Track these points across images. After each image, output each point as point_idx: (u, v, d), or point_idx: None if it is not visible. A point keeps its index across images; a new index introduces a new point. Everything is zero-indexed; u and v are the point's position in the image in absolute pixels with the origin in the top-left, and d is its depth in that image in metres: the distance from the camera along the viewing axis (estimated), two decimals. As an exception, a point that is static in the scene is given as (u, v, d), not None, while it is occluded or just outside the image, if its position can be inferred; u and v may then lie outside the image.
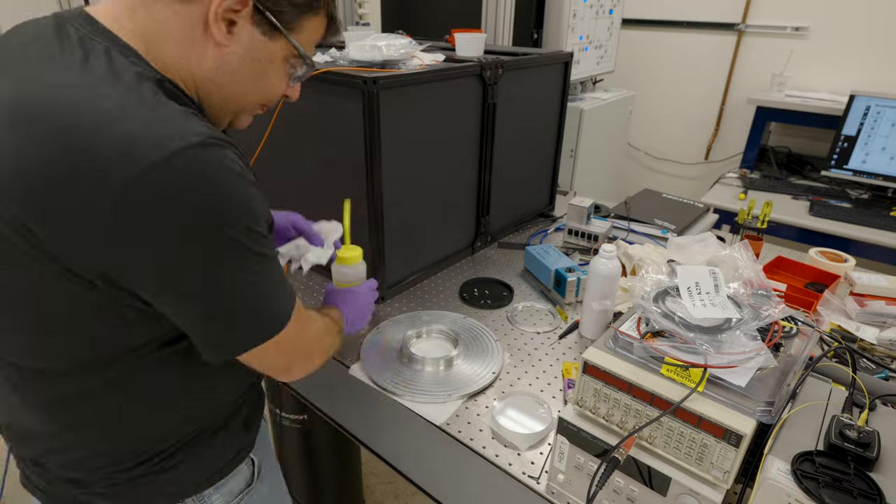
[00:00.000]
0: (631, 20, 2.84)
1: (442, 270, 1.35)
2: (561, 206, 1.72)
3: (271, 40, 0.62)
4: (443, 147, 1.22)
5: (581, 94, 2.35)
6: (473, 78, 1.22)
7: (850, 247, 1.93)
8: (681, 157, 2.99)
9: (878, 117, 2.14)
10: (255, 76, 0.64)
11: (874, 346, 0.98)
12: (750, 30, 2.59)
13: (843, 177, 2.24)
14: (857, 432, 0.56)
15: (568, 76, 1.53)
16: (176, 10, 0.57)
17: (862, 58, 2.38)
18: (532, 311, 1.19)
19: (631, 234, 1.53)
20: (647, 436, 0.64)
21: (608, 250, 1.00)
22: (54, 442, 0.67)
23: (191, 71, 0.60)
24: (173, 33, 0.58)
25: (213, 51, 0.60)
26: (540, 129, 1.54)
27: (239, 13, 0.59)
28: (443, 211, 1.29)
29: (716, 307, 0.67)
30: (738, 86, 2.71)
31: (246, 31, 0.60)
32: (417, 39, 1.32)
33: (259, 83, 0.65)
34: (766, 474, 0.54)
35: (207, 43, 0.59)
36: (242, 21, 0.59)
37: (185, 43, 0.59)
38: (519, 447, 0.83)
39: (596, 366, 0.66)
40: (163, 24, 0.58)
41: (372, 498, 1.94)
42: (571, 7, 2.03)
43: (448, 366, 0.98)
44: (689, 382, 0.61)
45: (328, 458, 1.54)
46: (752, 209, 1.37)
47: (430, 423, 0.88)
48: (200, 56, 0.60)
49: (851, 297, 1.10)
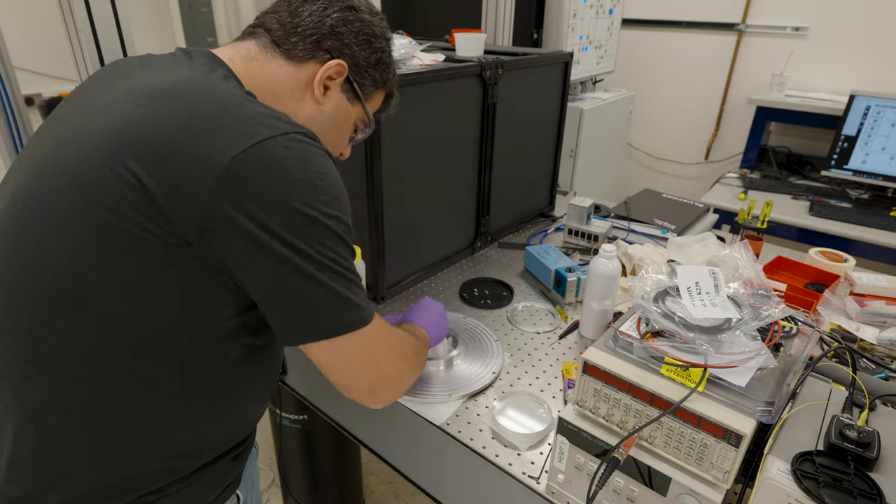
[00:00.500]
0: (631, 20, 2.84)
1: (442, 270, 1.35)
2: (561, 206, 1.72)
3: (351, 105, 0.78)
4: (443, 147, 1.22)
5: (581, 94, 2.35)
6: (473, 78, 1.22)
7: (850, 247, 1.93)
8: (681, 157, 2.99)
9: (878, 117, 2.14)
10: (334, 132, 0.78)
11: (874, 346, 0.98)
12: (750, 30, 2.59)
13: (843, 177, 2.24)
14: (857, 432, 0.56)
15: (568, 76, 1.53)
16: (287, 70, 0.72)
17: (862, 58, 2.37)
18: (532, 311, 1.19)
19: (631, 234, 1.53)
20: (647, 436, 0.64)
21: (608, 250, 1.00)
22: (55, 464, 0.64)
23: None
24: (278, 87, 0.72)
25: (310, 106, 0.74)
26: (540, 129, 1.54)
27: (334, 81, 0.74)
28: (443, 211, 1.29)
29: (716, 307, 0.67)
30: (738, 86, 2.71)
31: (336, 96, 0.76)
32: (417, 39, 1.32)
33: (335, 137, 0.80)
34: (766, 474, 0.54)
35: (305, 100, 0.74)
36: (335, 87, 0.75)
37: (288, 96, 0.72)
38: (519, 447, 0.83)
39: (596, 366, 0.66)
40: (271, 76, 0.71)
41: (372, 498, 1.94)
42: (571, 7, 2.03)
43: (448, 366, 0.98)
44: (689, 382, 0.61)
45: (328, 458, 1.54)
46: (752, 209, 1.37)
47: (430, 423, 0.88)
48: (298, 109, 0.73)
49: (851, 297, 1.10)
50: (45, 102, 1.32)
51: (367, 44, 0.76)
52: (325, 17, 0.73)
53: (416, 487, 0.97)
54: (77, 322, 0.59)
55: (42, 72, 2.00)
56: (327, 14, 0.73)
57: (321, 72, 0.72)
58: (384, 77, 0.80)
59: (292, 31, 0.72)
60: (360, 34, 0.75)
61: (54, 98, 1.32)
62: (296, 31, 0.72)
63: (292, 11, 0.73)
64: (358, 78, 0.76)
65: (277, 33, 0.72)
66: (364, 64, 0.76)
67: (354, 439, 1.06)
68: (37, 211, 0.59)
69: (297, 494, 1.59)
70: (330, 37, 0.73)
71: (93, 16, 1.17)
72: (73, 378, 0.60)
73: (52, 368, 0.60)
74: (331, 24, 0.73)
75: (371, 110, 0.82)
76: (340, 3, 0.74)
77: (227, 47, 0.73)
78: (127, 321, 0.59)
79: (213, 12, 1.78)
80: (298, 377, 1.18)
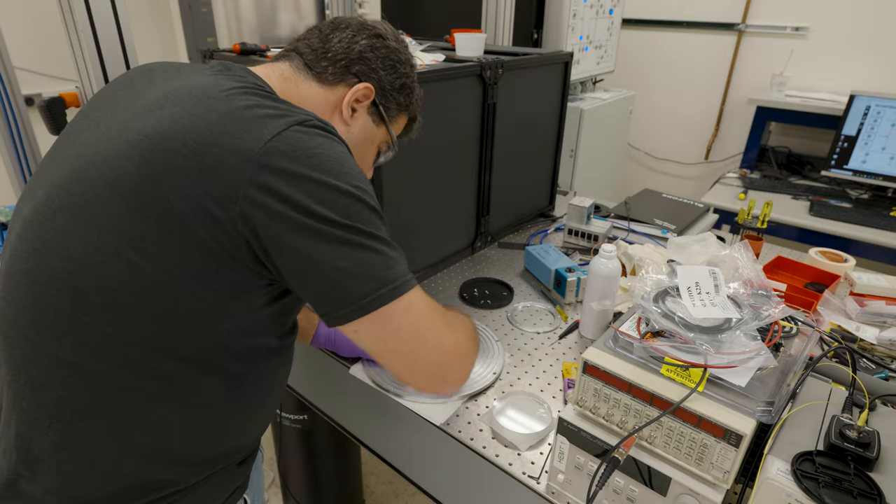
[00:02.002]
0: (631, 20, 2.84)
1: (442, 270, 1.35)
2: (561, 206, 1.72)
3: (376, 127, 0.82)
4: (443, 147, 1.22)
5: (581, 94, 2.35)
6: (473, 78, 1.22)
7: (850, 247, 1.93)
8: (681, 157, 2.99)
9: (878, 117, 2.14)
10: (360, 152, 0.82)
11: (874, 346, 0.98)
12: (750, 30, 2.59)
13: (843, 177, 2.24)
14: (857, 432, 0.56)
15: (568, 76, 1.53)
16: (318, 92, 0.76)
17: (862, 58, 2.38)
18: (532, 311, 1.19)
19: (631, 234, 1.53)
20: (647, 436, 0.64)
21: (608, 250, 1.00)
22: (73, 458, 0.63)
23: None
24: (308, 106, 0.71)
25: (339, 126, 0.77)
26: (540, 129, 1.54)
27: (362, 103, 0.78)
28: (443, 211, 1.29)
29: (716, 307, 0.67)
30: (738, 86, 2.71)
31: (362, 117, 0.80)
32: (417, 39, 1.32)
33: (361, 158, 0.83)
34: (766, 474, 0.54)
35: (334, 121, 0.77)
36: (362, 109, 0.79)
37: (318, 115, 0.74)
38: (519, 447, 0.83)
39: (596, 366, 0.66)
40: (304, 96, 0.75)
41: (372, 498, 1.94)
42: (571, 7, 2.03)
43: (448, 366, 0.98)
44: (689, 382, 0.61)
45: (328, 458, 1.54)
46: (752, 209, 1.37)
47: (430, 423, 0.88)
48: None
49: (851, 297, 1.10)
50: (45, 102, 1.32)
51: (393, 69, 0.80)
52: (354, 43, 0.77)
53: (416, 487, 0.97)
54: (105, 317, 0.59)
55: (42, 72, 2.01)
56: (356, 41, 0.77)
57: (350, 94, 0.76)
58: (408, 101, 0.84)
59: (323, 55, 0.76)
60: (386, 60, 0.79)
61: (54, 98, 1.32)
62: (326, 56, 0.76)
63: (323, 38, 0.78)
64: (383, 101, 0.80)
65: (309, 57, 0.77)
66: (389, 88, 0.80)
67: (354, 439, 1.06)
68: (73, 208, 0.60)
69: (297, 494, 1.59)
70: (358, 62, 0.77)
71: (93, 16, 1.17)
72: (94, 375, 0.61)
73: (72, 365, 0.61)
74: (359, 50, 0.77)
75: (395, 133, 0.86)
76: (368, 31, 0.79)
77: (261, 66, 0.76)
78: (152, 319, 0.59)
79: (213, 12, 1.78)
80: (298, 377, 1.18)
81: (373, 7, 2.41)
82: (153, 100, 0.63)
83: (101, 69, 1.23)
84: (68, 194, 0.61)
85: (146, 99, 0.64)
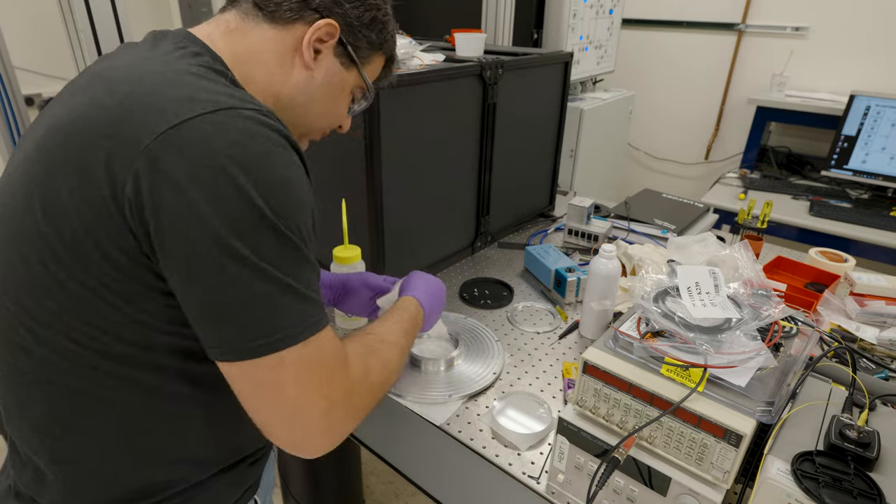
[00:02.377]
0: (631, 20, 2.83)
1: (442, 270, 1.35)
2: (561, 206, 1.72)
3: (346, 70, 0.71)
4: (443, 147, 1.22)
5: (581, 94, 2.35)
6: (473, 78, 1.22)
7: (850, 247, 1.93)
8: (681, 157, 2.99)
9: (878, 117, 2.14)
10: (328, 100, 0.72)
11: (874, 346, 0.98)
12: (750, 30, 2.59)
13: (843, 177, 2.24)
14: (857, 432, 0.56)
15: (568, 76, 1.53)
16: (272, 35, 0.65)
17: (862, 58, 2.37)
18: (532, 311, 1.19)
19: (631, 234, 1.53)
20: (647, 436, 0.64)
21: (608, 250, 1.00)
22: None
23: (274, 90, 0.67)
24: (264, 55, 0.66)
25: (300, 72, 0.67)
26: (540, 129, 1.54)
27: (325, 43, 0.67)
28: (443, 211, 1.29)
29: (716, 307, 0.67)
30: (738, 86, 2.70)
31: (328, 60, 0.69)
32: (417, 39, 1.32)
33: (330, 106, 0.73)
34: (766, 474, 0.54)
35: (294, 66, 0.67)
36: (326, 51, 0.68)
37: (275, 64, 0.66)
38: (519, 447, 0.83)
39: (596, 366, 0.66)
40: (255, 46, 0.65)
41: (372, 498, 1.94)
42: (571, 7, 2.03)
43: (449, 366, 0.98)
44: (689, 382, 0.61)
45: (328, 458, 1.53)
46: (752, 209, 1.37)
47: (430, 423, 0.88)
48: (287, 76, 0.67)
49: (851, 297, 1.10)
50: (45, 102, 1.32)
51: (361, 1, 0.69)
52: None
53: (416, 487, 0.97)
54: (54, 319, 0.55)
55: (42, 72, 2.00)
56: None
57: (309, 33, 0.65)
58: (381, 38, 0.73)
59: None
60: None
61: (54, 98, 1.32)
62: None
63: None
64: (352, 40, 0.69)
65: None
66: (357, 24, 0.69)
67: (354, 439, 1.06)
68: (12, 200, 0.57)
69: (297, 494, 1.59)
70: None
71: (93, 16, 1.17)
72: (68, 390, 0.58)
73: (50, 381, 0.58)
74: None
75: (371, 76, 0.75)
76: None
77: (205, 24, 0.68)
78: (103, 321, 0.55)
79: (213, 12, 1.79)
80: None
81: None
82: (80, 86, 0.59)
83: (101, 69, 1.23)
84: (9, 189, 0.58)
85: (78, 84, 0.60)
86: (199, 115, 0.51)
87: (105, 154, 0.51)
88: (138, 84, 0.54)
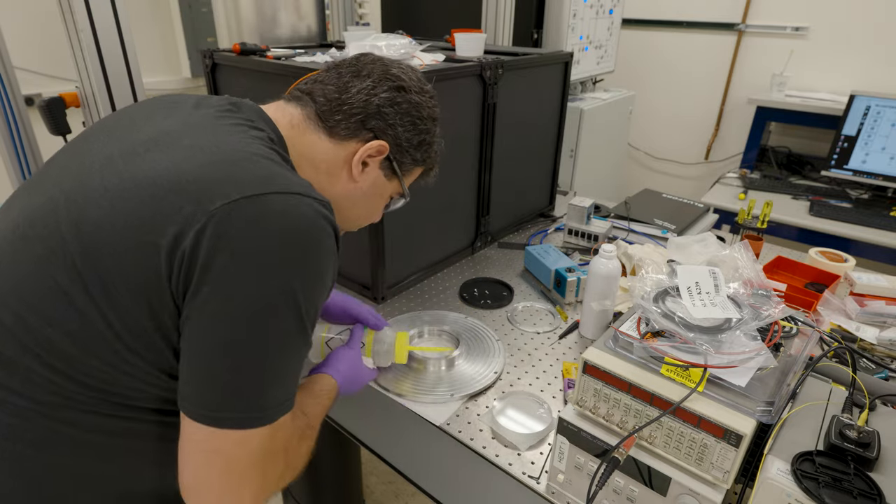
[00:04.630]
0: (631, 20, 2.83)
1: (442, 270, 1.35)
2: (561, 206, 1.72)
3: (388, 181, 0.77)
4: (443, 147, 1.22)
5: (581, 94, 2.35)
6: (473, 78, 1.22)
7: (850, 247, 1.93)
8: (681, 157, 2.99)
9: (878, 117, 2.14)
10: (368, 205, 0.79)
11: (874, 346, 0.98)
12: (750, 30, 2.59)
13: (843, 177, 2.24)
14: (857, 432, 0.56)
15: (568, 76, 1.53)
16: (327, 146, 0.71)
17: (862, 58, 2.37)
18: (532, 311, 1.19)
19: (631, 234, 1.53)
20: (647, 436, 0.64)
21: (608, 250, 1.00)
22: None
23: (320, 189, 0.67)
24: (317, 160, 0.71)
25: (346, 183, 0.73)
26: (540, 128, 1.54)
27: (374, 158, 0.73)
28: (443, 211, 1.29)
29: (716, 307, 0.67)
30: (738, 86, 2.70)
31: (373, 172, 0.75)
32: (417, 39, 1.32)
33: (369, 210, 0.81)
34: (766, 474, 0.54)
35: (341, 176, 0.73)
36: (373, 164, 0.74)
37: (324, 170, 0.72)
38: (519, 447, 0.83)
39: (596, 366, 0.66)
40: (310, 150, 0.71)
41: (372, 498, 1.94)
42: (571, 7, 2.03)
43: (449, 366, 0.98)
44: (689, 382, 0.61)
45: (328, 458, 1.54)
46: (752, 209, 1.37)
47: (430, 423, 0.88)
48: (333, 183, 0.73)
49: (851, 297, 1.10)
50: (45, 102, 1.32)
51: (413, 125, 0.74)
52: (373, 95, 0.71)
53: (416, 487, 0.97)
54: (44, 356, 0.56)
55: (42, 72, 2.00)
56: (375, 93, 0.71)
57: (361, 151, 0.71)
58: (425, 157, 0.79)
59: (338, 108, 0.71)
60: (406, 116, 0.73)
61: (54, 98, 1.32)
62: (341, 109, 0.70)
63: (341, 87, 0.71)
64: (398, 157, 0.75)
65: (323, 108, 0.71)
66: (406, 145, 0.75)
67: (354, 439, 1.06)
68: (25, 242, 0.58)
69: (297, 494, 1.59)
70: (375, 117, 0.71)
71: (93, 16, 1.17)
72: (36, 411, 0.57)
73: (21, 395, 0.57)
74: (377, 105, 0.71)
75: (407, 183, 0.81)
76: (391, 82, 0.72)
77: (272, 106, 0.73)
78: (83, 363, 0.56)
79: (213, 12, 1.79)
80: (298, 377, 1.18)
81: (373, 7, 2.41)
82: (143, 140, 0.61)
83: (101, 69, 1.23)
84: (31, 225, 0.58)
85: (137, 137, 0.62)
86: (272, 193, 0.56)
87: (174, 210, 0.54)
88: (218, 153, 0.59)
